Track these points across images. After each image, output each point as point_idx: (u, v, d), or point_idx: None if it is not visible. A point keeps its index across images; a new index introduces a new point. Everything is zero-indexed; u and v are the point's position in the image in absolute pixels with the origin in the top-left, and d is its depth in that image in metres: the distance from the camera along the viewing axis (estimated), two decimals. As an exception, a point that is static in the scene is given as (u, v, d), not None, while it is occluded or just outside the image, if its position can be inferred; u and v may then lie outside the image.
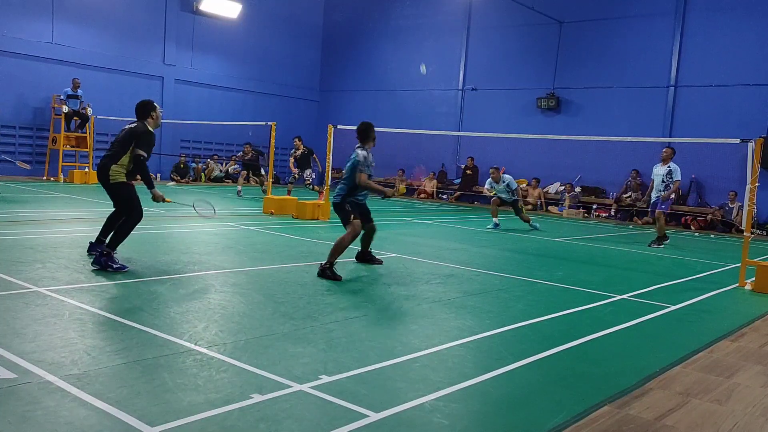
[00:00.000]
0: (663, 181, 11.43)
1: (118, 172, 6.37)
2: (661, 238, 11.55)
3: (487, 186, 13.81)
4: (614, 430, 3.25)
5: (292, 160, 16.81)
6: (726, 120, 16.51)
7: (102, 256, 6.26)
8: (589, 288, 7.02)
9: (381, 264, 7.65)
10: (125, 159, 6.38)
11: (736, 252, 10.10)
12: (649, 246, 11.46)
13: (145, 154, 6.41)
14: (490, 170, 13.70)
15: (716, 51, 16.93)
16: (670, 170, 11.35)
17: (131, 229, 6.48)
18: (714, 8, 17.01)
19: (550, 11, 19.23)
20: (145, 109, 6.61)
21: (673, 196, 11.62)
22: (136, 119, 6.63)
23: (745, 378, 4.26)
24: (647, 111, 17.99)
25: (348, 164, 7.18)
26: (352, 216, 7.01)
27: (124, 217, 6.50)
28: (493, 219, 13.29)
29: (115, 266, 6.22)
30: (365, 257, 7.70)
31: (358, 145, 7.28)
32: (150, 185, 6.61)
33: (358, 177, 6.98)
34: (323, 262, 6.74)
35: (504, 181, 13.42)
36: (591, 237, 12.75)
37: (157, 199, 6.63)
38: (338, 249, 6.74)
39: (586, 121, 18.81)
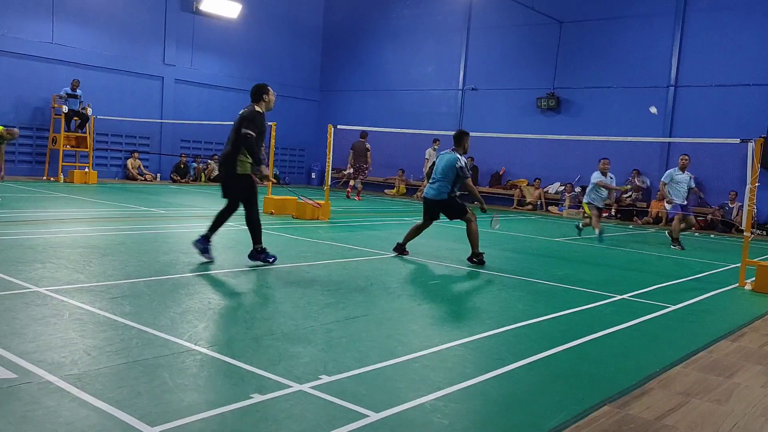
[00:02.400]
0: (689, 188, 11.72)
1: (243, 162, 6.68)
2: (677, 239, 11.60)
3: (596, 179, 11.85)
4: (614, 430, 3.25)
5: None
6: (726, 120, 16.51)
7: (259, 253, 6.82)
8: (589, 288, 7.02)
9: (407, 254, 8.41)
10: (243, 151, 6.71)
11: (736, 252, 10.11)
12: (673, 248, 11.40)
13: (252, 133, 6.65)
14: (602, 161, 12.01)
15: (716, 51, 16.94)
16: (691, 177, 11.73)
17: (258, 218, 6.88)
18: (714, 8, 17.01)
19: (550, 11, 19.23)
20: (258, 93, 7.02)
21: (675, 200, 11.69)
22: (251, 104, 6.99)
23: (745, 378, 4.26)
24: (647, 111, 17.95)
25: (443, 164, 7.98)
26: (466, 207, 8.14)
27: (246, 210, 6.86)
28: (596, 229, 11.71)
29: (271, 259, 6.89)
30: (404, 248, 8.44)
31: (451, 149, 8.12)
32: (258, 162, 6.76)
33: (467, 181, 8.05)
34: (470, 255, 7.95)
35: (612, 178, 12.10)
36: (591, 237, 12.75)
37: (263, 174, 6.84)
38: (476, 237, 7.97)
39: (586, 121, 18.82)
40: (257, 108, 6.90)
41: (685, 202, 11.72)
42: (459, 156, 8.02)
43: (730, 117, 16.52)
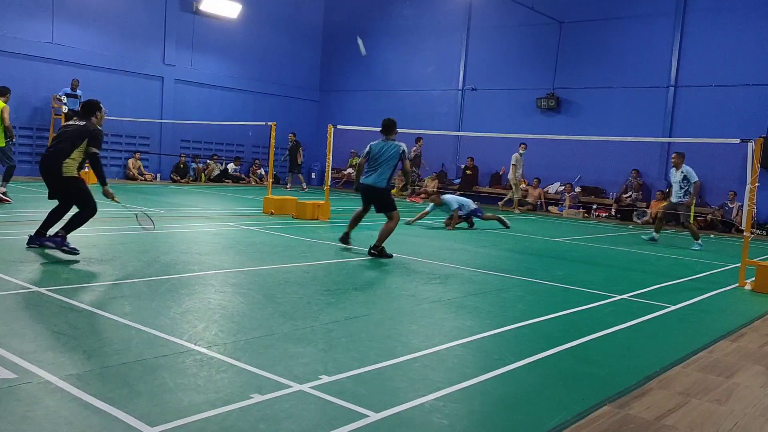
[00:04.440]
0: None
1: (70, 166, 6.74)
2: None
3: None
4: (614, 430, 3.25)
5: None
6: (726, 120, 16.51)
7: (57, 236, 6.67)
8: (589, 288, 7.02)
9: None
10: (76, 154, 6.76)
11: (736, 252, 10.10)
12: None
13: (98, 151, 6.83)
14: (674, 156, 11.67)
15: (716, 51, 16.94)
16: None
17: (85, 221, 6.86)
18: (714, 8, 17.01)
19: (550, 11, 19.23)
20: (91, 108, 7.10)
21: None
22: (82, 117, 7.07)
23: (745, 378, 4.27)
24: (647, 111, 17.99)
25: (388, 154, 8.26)
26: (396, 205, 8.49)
27: (80, 209, 6.87)
28: (654, 233, 12.22)
29: (69, 247, 6.63)
30: (348, 238, 8.81)
31: (386, 138, 8.43)
32: (103, 182, 6.98)
33: (407, 162, 8.46)
34: (372, 245, 8.11)
35: (683, 172, 11.62)
36: (591, 237, 12.76)
37: (107, 195, 7.02)
38: (388, 234, 8.20)
39: (586, 121, 18.82)
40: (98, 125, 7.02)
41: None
42: (401, 143, 8.43)
43: (730, 117, 16.51)
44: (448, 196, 12.73)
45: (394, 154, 8.24)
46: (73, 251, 6.62)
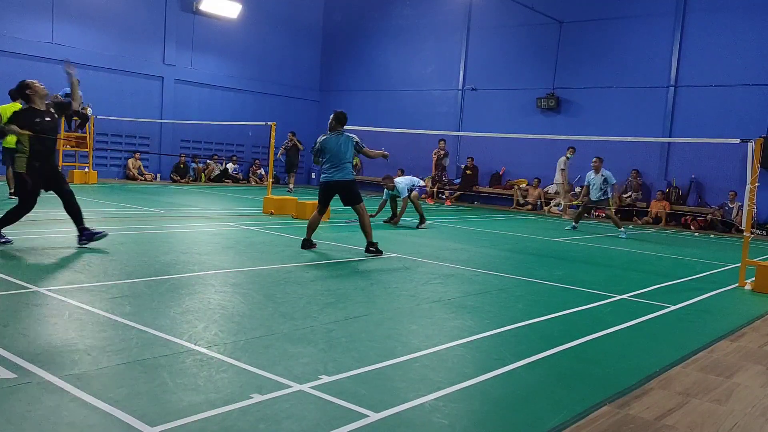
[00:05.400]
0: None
1: (18, 161, 7.09)
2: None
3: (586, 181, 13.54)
4: (614, 430, 3.25)
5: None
6: (726, 120, 16.51)
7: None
8: (589, 288, 7.02)
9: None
10: (20, 147, 7.09)
11: (736, 252, 10.10)
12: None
13: (11, 127, 6.98)
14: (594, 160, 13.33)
15: (716, 51, 16.94)
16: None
17: (18, 218, 7.12)
18: (714, 8, 17.01)
19: (550, 11, 19.23)
20: (20, 93, 7.31)
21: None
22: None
23: (745, 378, 4.27)
24: (647, 111, 17.99)
25: (344, 147, 8.37)
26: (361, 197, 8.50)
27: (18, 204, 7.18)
28: (574, 222, 13.89)
29: (1, 240, 7.03)
30: (311, 242, 8.48)
31: (335, 133, 8.55)
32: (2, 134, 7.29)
33: (366, 149, 8.55)
34: (367, 245, 8.28)
35: (603, 175, 13.22)
36: (591, 237, 12.76)
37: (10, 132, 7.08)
38: (369, 227, 8.30)
39: (586, 121, 18.82)
40: (33, 105, 7.23)
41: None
42: (350, 134, 8.60)
43: (730, 117, 16.51)
44: (399, 180, 12.54)
45: (349, 147, 8.42)
46: (6, 243, 7.03)
